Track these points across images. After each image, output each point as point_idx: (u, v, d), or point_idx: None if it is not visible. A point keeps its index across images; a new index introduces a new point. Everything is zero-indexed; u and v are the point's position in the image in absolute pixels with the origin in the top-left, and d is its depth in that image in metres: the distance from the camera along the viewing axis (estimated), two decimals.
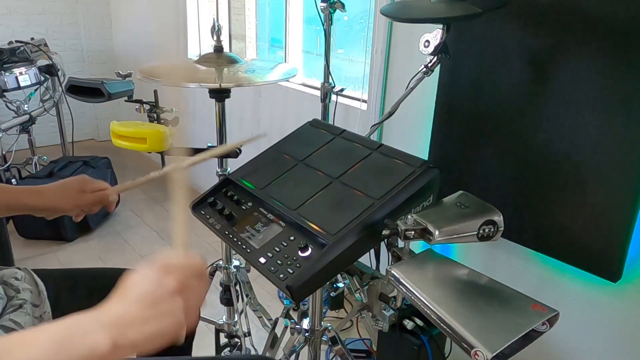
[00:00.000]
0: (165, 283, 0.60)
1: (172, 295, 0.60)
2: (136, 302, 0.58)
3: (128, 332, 0.57)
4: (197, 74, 1.43)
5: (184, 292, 0.61)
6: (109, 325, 0.56)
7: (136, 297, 0.59)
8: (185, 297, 0.61)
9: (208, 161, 1.60)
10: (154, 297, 0.59)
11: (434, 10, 1.19)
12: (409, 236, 0.87)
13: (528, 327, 0.72)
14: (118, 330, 0.56)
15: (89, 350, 0.54)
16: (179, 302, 0.60)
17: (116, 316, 0.57)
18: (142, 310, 0.58)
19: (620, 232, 1.26)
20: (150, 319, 0.58)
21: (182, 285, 0.61)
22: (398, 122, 1.75)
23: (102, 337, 0.55)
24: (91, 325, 0.56)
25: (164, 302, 0.59)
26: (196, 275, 0.64)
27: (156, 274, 0.61)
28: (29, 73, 2.89)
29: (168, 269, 0.62)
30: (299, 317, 1.47)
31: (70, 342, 0.54)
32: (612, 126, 1.23)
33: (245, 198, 1.09)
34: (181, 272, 0.62)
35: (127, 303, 0.59)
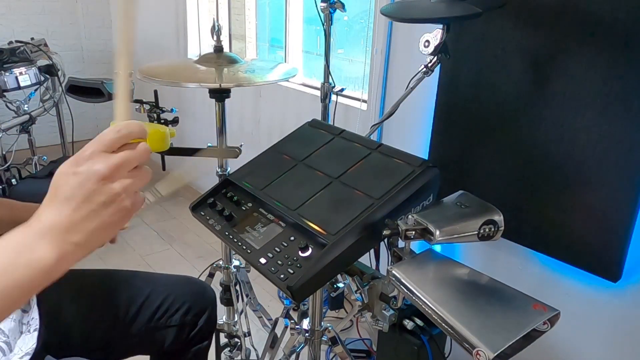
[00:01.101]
0: (92, 170, 0.53)
1: (103, 182, 0.53)
2: (67, 202, 0.53)
3: (69, 236, 0.52)
4: (197, 74, 1.43)
5: (118, 172, 0.54)
6: (47, 235, 0.52)
7: (66, 196, 0.53)
8: (120, 177, 0.54)
9: (208, 161, 1.60)
10: (85, 191, 0.53)
11: (434, 10, 1.19)
12: (410, 236, 0.87)
13: (529, 326, 0.72)
14: (58, 237, 0.52)
15: (35, 267, 0.51)
16: (115, 186, 0.54)
17: (52, 223, 0.52)
18: (76, 208, 0.53)
19: (620, 232, 1.26)
20: (89, 216, 0.53)
21: (112, 166, 0.54)
22: (398, 122, 1.75)
23: (45, 249, 0.51)
24: (29, 241, 0.51)
25: (97, 192, 0.53)
26: (127, 144, 0.56)
27: (80, 164, 0.54)
28: (29, 73, 2.89)
29: (92, 154, 0.54)
30: (299, 317, 1.47)
31: (11, 266, 0.51)
32: (612, 126, 1.23)
33: (245, 198, 1.09)
34: (105, 150, 0.55)
35: (59, 205, 0.53)
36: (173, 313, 1.14)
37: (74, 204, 0.53)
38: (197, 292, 1.21)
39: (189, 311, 1.16)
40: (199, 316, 1.18)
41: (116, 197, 0.54)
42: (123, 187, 0.54)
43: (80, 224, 0.53)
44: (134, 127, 0.57)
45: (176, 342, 1.15)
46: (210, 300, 1.23)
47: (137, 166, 0.57)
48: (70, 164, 0.55)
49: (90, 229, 0.53)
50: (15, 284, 0.50)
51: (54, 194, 0.54)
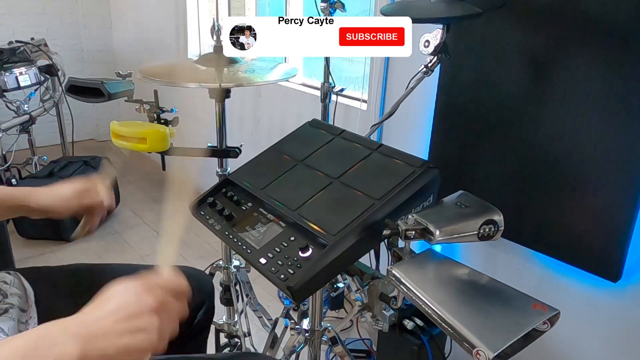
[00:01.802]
0: (145, 300, 0.60)
1: (149, 312, 0.60)
2: (112, 314, 0.58)
3: (98, 343, 0.56)
4: (197, 74, 1.43)
5: (161, 312, 0.61)
6: (78, 336, 0.55)
7: (113, 309, 0.59)
8: (162, 315, 0.61)
9: (208, 161, 1.60)
10: (131, 312, 0.59)
11: (434, 10, 1.19)
12: (410, 236, 0.87)
13: (529, 326, 0.72)
14: (88, 341, 0.56)
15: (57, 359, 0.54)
16: (155, 321, 0.60)
17: (87, 327, 0.57)
18: (116, 322, 0.58)
19: (620, 232, 1.26)
20: (124, 333, 0.58)
21: (160, 305, 0.61)
22: (398, 122, 1.75)
23: (71, 347, 0.54)
24: (59, 336, 0.55)
25: (140, 318, 0.59)
26: (177, 294, 0.64)
27: (137, 289, 0.61)
28: (29, 73, 2.89)
29: (150, 286, 0.62)
30: (299, 317, 1.47)
31: (37, 355, 0.53)
32: (612, 126, 1.23)
33: (245, 198, 1.09)
34: (162, 292, 0.62)
35: (102, 314, 0.59)
36: None
37: (116, 317, 0.58)
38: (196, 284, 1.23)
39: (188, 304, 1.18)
40: (197, 309, 1.21)
41: (151, 329, 0.60)
42: (160, 324, 0.60)
43: (113, 338, 0.57)
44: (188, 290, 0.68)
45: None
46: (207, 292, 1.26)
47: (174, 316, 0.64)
48: (132, 285, 0.61)
49: (119, 345, 0.57)
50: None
51: (103, 302, 0.60)
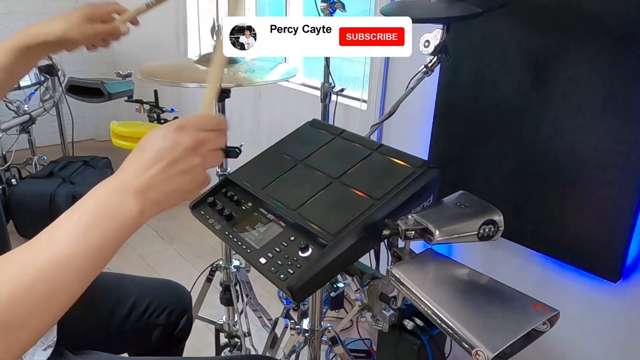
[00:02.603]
0: (181, 140, 0.60)
1: (188, 152, 0.60)
2: (154, 163, 0.59)
3: (151, 193, 0.58)
4: (197, 74, 1.43)
5: (201, 147, 0.61)
6: (132, 192, 0.57)
7: (153, 157, 0.59)
8: (202, 153, 0.61)
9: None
10: (172, 156, 0.59)
11: (434, 10, 1.19)
12: (410, 236, 0.87)
13: (529, 326, 0.72)
14: (142, 194, 0.57)
15: (120, 223, 0.56)
16: (197, 159, 0.60)
17: (135, 180, 0.58)
18: (161, 169, 0.58)
19: (620, 232, 1.26)
20: (170, 178, 0.59)
21: (198, 142, 0.61)
22: (398, 122, 1.75)
23: (130, 205, 0.56)
24: (115, 200, 0.56)
25: (182, 160, 0.59)
26: (213, 130, 0.64)
27: (171, 132, 0.61)
28: (29, 73, 2.89)
29: (183, 126, 0.62)
30: (299, 317, 1.47)
31: (100, 224, 0.55)
32: (612, 126, 1.23)
33: (245, 198, 1.09)
34: (197, 128, 0.62)
35: (146, 164, 0.59)
36: (160, 313, 1.25)
37: (158, 166, 0.58)
38: (178, 296, 1.33)
39: (172, 312, 1.27)
40: (180, 317, 1.30)
41: (194, 169, 0.60)
42: (202, 161, 0.61)
43: (159, 185, 0.58)
44: (224, 120, 0.68)
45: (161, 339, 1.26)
46: (188, 303, 1.35)
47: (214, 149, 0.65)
48: (162, 129, 0.61)
49: (167, 190, 0.59)
50: (107, 235, 0.55)
51: (141, 152, 0.60)
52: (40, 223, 1.97)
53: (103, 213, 0.55)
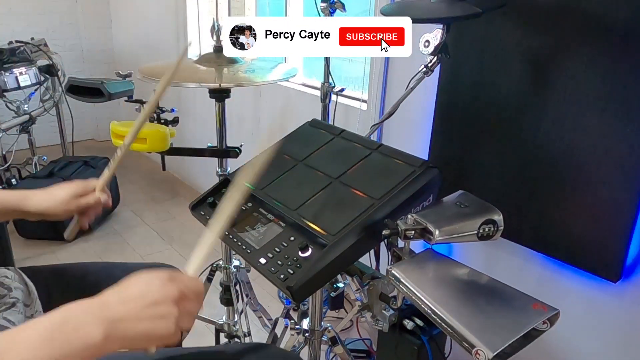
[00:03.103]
0: (168, 289, 0.62)
1: (170, 301, 0.62)
2: (135, 299, 0.60)
3: (121, 326, 0.58)
4: (197, 74, 1.43)
5: (182, 303, 0.63)
6: (102, 318, 0.57)
7: (137, 295, 0.61)
8: (181, 308, 0.63)
9: (208, 161, 1.60)
10: (154, 299, 0.61)
11: (434, 10, 1.19)
12: (409, 236, 0.87)
13: (529, 326, 0.72)
14: (111, 323, 0.57)
15: (82, 343, 0.55)
16: (175, 310, 0.62)
17: (111, 309, 0.59)
18: (139, 307, 0.60)
19: (620, 232, 1.26)
20: (145, 318, 0.60)
21: (181, 296, 0.63)
22: (398, 122, 1.75)
23: (96, 329, 0.56)
24: (84, 318, 0.57)
25: (162, 305, 0.61)
26: (195, 293, 0.67)
27: (161, 279, 0.63)
28: (29, 73, 2.89)
29: (173, 278, 0.64)
30: (299, 317, 1.47)
31: (62, 337, 0.55)
32: (612, 126, 1.23)
33: (245, 198, 1.09)
34: (184, 285, 0.65)
35: (126, 298, 0.61)
36: None
37: (139, 302, 0.60)
38: None
39: None
40: None
41: (170, 318, 0.62)
42: (179, 315, 0.62)
43: (132, 320, 0.59)
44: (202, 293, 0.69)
45: None
46: None
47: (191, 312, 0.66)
48: (157, 275, 0.64)
49: (140, 330, 0.60)
50: (68, 352, 0.55)
51: (128, 285, 0.62)
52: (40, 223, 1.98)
53: (68, 329, 0.55)
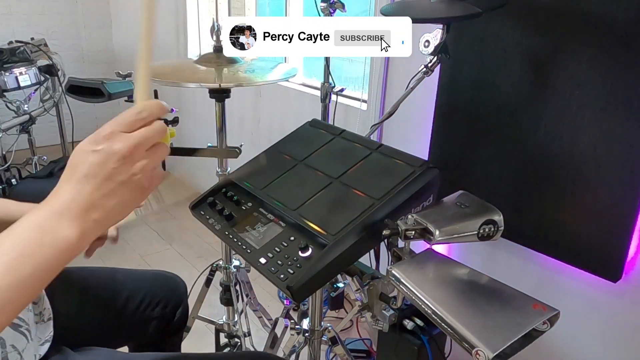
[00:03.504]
0: (113, 150, 0.54)
1: (124, 161, 0.54)
2: (87, 180, 0.54)
3: (89, 213, 0.53)
4: (197, 74, 1.43)
5: (136, 152, 0.55)
6: (69, 214, 0.52)
7: (86, 174, 0.54)
8: (139, 156, 0.55)
9: (208, 161, 1.60)
10: (106, 169, 0.54)
11: (434, 10, 1.19)
12: (410, 236, 0.87)
13: (529, 326, 0.72)
14: (80, 215, 0.53)
15: (59, 246, 0.52)
16: (134, 166, 0.55)
17: (72, 201, 0.53)
18: (96, 187, 0.53)
19: (620, 232, 1.26)
20: (110, 193, 0.54)
21: (131, 147, 0.55)
22: (398, 122, 1.75)
23: (67, 228, 0.52)
24: (51, 221, 0.52)
25: (117, 171, 0.54)
26: (146, 124, 0.57)
27: (99, 143, 0.54)
28: (29, 73, 2.89)
29: (110, 133, 0.55)
30: (299, 317, 1.47)
31: (37, 247, 0.51)
32: (612, 126, 1.23)
33: (245, 198, 1.09)
34: (126, 130, 0.55)
35: (79, 183, 0.54)
36: (154, 306, 1.24)
37: (93, 183, 0.53)
38: (172, 288, 1.33)
39: (167, 304, 1.27)
40: (175, 309, 1.29)
41: (134, 176, 0.55)
42: (141, 166, 0.55)
43: (99, 202, 0.54)
44: (155, 108, 0.58)
45: (157, 331, 1.26)
46: (183, 294, 1.34)
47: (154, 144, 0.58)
48: (90, 142, 0.55)
49: (110, 206, 0.54)
50: (42, 263, 0.51)
51: (72, 171, 0.54)
52: None
53: (37, 241, 0.51)
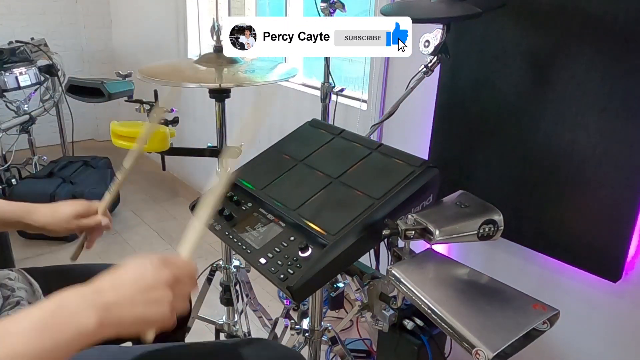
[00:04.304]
0: (161, 273, 0.63)
1: (164, 285, 0.62)
2: (129, 284, 0.61)
3: (115, 311, 0.58)
4: (197, 74, 1.43)
5: (176, 286, 0.63)
6: (96, 305, 0.57)
7: (130, 280, 0.61)
8: (175, 291, 0.63)
9: (208, 161, 1.60)
10: (147, 283, 0.61)
11: (434, 10, 1.19)
12: (409, 236, 0.87)
13: (529, 326, 0.72)
14: (105, 309, 0.57)
15: (76, 330, 0.55)
16: (169, 294, 0.62)
17: (105, 295, 0.59)
18: (133, 292, 0.60)
19: (620, 232, 1.26)
20: (139, 303, 0.60)
21: (175, 280, 0.63)
22: (398, 122, 1.75)
23: (89, 316, 0.56)
24: (77, 305, 0.57)
25: (156, 289, 0.61)
26: (189, 276, 0.68)
27: (154, 263, 0.63)
28: (29, 73, 2.89)
29: (166, 262, 0.65)
30: (299, 317, 1.47)
31: (56, 325, 0.55)
32: (612, 126, 1.23)
33: (245, 198, 1.09)
34: (177, 268, 0.65)
35: (120, 283, 0.61)
36: None
37: (133, 288, 0.61)
38: None
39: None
40: None
41: (164, 302, 0.62)
42: (173, 299, 0.63)
43: (129, 307, 0.60)
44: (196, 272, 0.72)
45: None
46: None
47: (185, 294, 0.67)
48: (151, 260, 0.64)
49: (134, 315, 0.60)
50: (62, 339, 0.55)
51: (122, 271, 0.63)
52: None
53: (61, 317, 0.55)
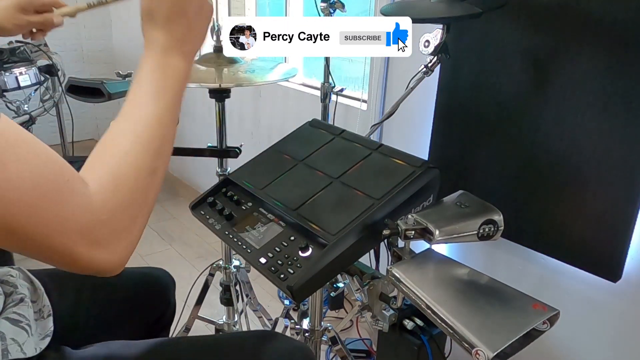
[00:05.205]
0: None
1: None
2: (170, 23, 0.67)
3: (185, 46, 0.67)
4: (197, 74, 1.43)
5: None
6: (174, 52, 0.66)
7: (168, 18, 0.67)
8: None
9: (208, 161, 1.60)
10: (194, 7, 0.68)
11: (434, 10, 1.19)
12: (410, 236, 0.87)
13: (529, 326, 0.72)
14: (180, 50, 0.67)
15: (178, 80, 0.66)
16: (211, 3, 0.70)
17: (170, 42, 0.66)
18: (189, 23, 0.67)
19: (620, 232, 1.26)
20: (197, 27, 0.69)
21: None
22: (398, 122, 1.75)
23: (180, 64, 0.66)
24: (167, 60, 0.66)
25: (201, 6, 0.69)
26: None
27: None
28: (29, 73, 2.89)
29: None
30: (299, 317, 1.47)
31: (166, 84, 0.65)
32: (612, 126, 1.23)
33: (245, 198, 1.09)
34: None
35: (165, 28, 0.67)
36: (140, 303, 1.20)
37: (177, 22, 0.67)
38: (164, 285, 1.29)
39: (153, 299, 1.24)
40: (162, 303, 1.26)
41: (211, 12, 0.71)
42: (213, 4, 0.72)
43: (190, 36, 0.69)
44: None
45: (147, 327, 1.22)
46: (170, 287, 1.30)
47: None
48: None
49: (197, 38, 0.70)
50: (174, 91, 0.66)
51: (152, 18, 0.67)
52: None
53: (164, 75, 0.65)
